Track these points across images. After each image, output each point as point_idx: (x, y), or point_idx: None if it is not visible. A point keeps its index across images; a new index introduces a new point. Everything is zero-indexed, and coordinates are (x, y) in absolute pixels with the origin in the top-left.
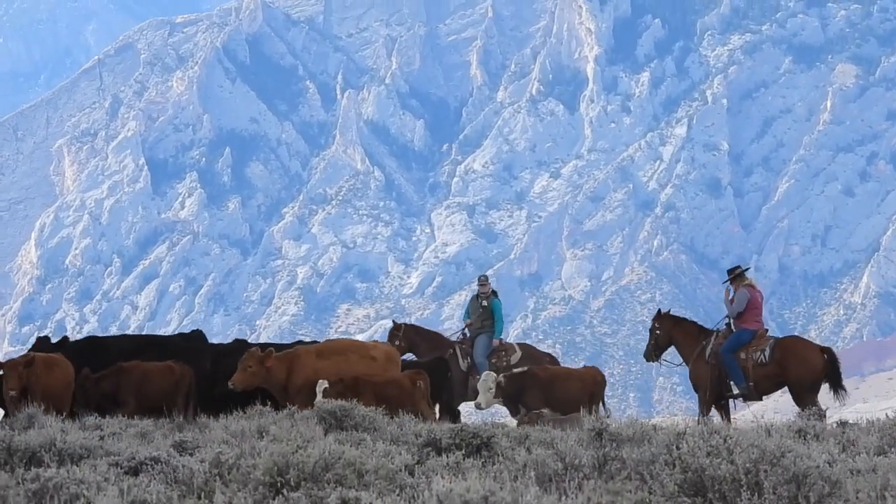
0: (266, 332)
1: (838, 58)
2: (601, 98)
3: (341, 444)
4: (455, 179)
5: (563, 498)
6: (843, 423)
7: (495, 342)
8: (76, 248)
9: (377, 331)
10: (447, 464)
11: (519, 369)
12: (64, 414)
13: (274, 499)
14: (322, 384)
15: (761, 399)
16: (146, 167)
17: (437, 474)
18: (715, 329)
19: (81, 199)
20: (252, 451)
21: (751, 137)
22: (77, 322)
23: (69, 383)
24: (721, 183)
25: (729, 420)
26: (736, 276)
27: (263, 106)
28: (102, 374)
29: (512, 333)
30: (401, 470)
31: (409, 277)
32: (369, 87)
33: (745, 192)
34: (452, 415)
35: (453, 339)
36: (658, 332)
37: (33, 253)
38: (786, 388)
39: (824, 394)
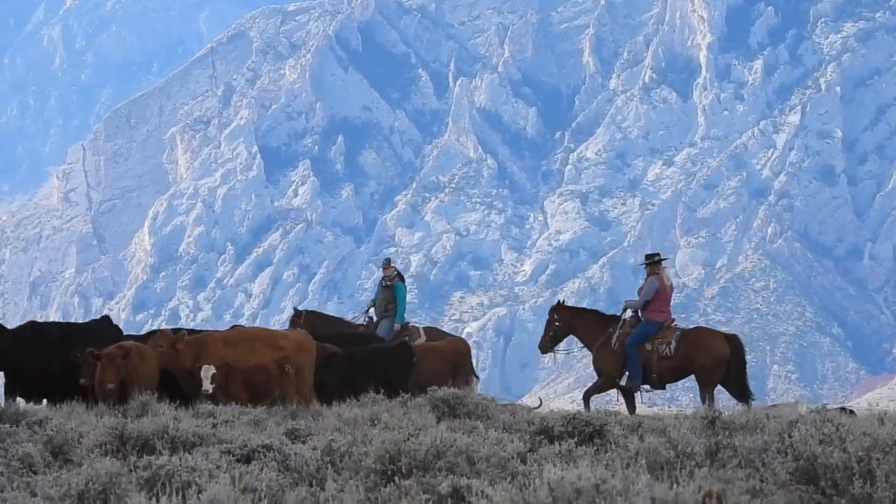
0: None
1: None
2: (714, 86)
3: (453, 431)
4: (568, 167)
5: (675, 486)
6: None
7: (396, 326)
8: (189, 236)
9: (490, 319)
10: (559, 452)
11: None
12: (178, 402)
13: (385, 486)
14: (209, 370)
15: (664, 388)
16: (259, 155)
17: (548, 462)
18: (621, 317)
19: (195, 187)
20: (364, 439)
21: (864, 125)
22: (191, 310)
23: (157, 373)
24: (835, 171)
25: (633, 408)
26: (652, 263)
27: (376, 94)
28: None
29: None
30: (513, 458)
31: (522, 265)
32: (482, 74)
33: (859, 180)
34: None
35: (358, 323)
36: (557, 323)
37: (147, 241)
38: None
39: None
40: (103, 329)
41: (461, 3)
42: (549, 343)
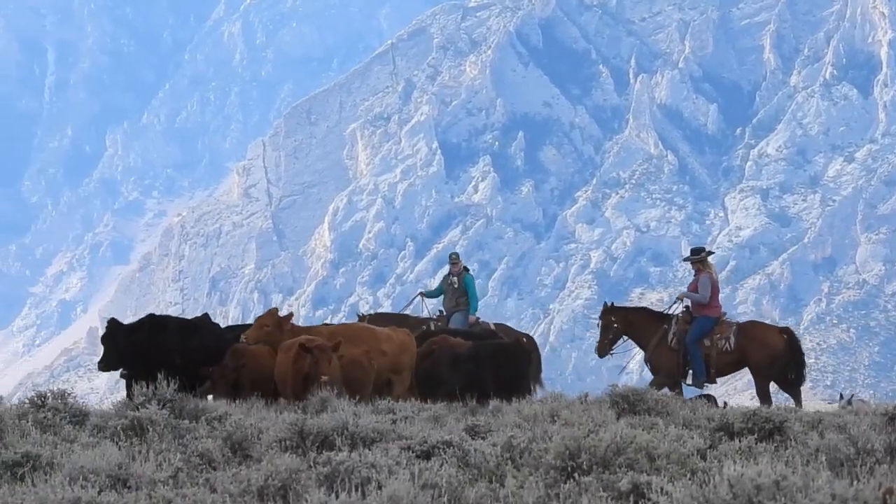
0: (560, 315)
1: None
2: (895, 82)
3: (633, 428)
4: (748, 163)
5: (855, 483)
6: None
7: (471, 318)
8: (370, 232)
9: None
10: (739, 448)
11: None
12: (357, 397)
13: (565, 483)
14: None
15: (715, 382)
16: (439, 151)
17: (728, 458)
18: (672, 313)
19: (375, 183)
20: (544, 436)
21: None
22: (371, 306)
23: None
24: None
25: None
26: (699, 259)
27: (556, 90)
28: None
29: (805, 317)
30: (693, 454)
31: None
32: (662, 71)
33: None
34: None
35: (424, 317)
36: (616, 325)
37: (327, 236)
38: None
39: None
40: (209, 325)
41: None
42: (608, 346)
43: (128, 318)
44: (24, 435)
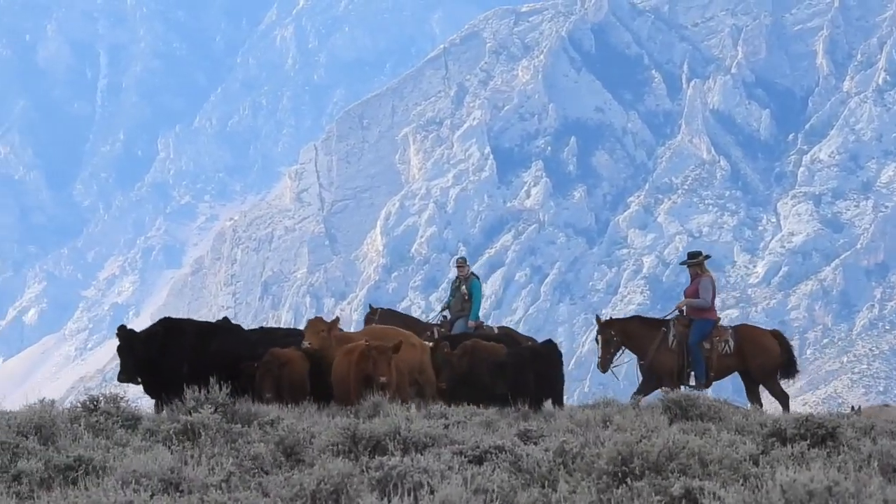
0: None
1: None
2: None
3: (686, 433)
4: (801, 169)
5: None
6: None
7: (471, 324)
8: (422, 237)
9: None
10: (791, 454)
11: None
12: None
13: (617, 488)
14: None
15: (710, 385)
16: (492, 156)
17: (780, 464)
18: (669, 318)
19: (427, 188)
20: (596, 441)
21: None
22: (423, 311)
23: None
24: None
25: None
26: (697, 262)
27: (609, 95)
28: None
29: (858, 323)
30: (745, 460)
31: (754, 267)
32: (715, 76)
33: None
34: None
35: (432, 322)
36: (615, 338)
37: (379, 241)
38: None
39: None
40: (230, 328)
41: (695, 4)
42: (609, 361)
43: None
44: (76, 439)
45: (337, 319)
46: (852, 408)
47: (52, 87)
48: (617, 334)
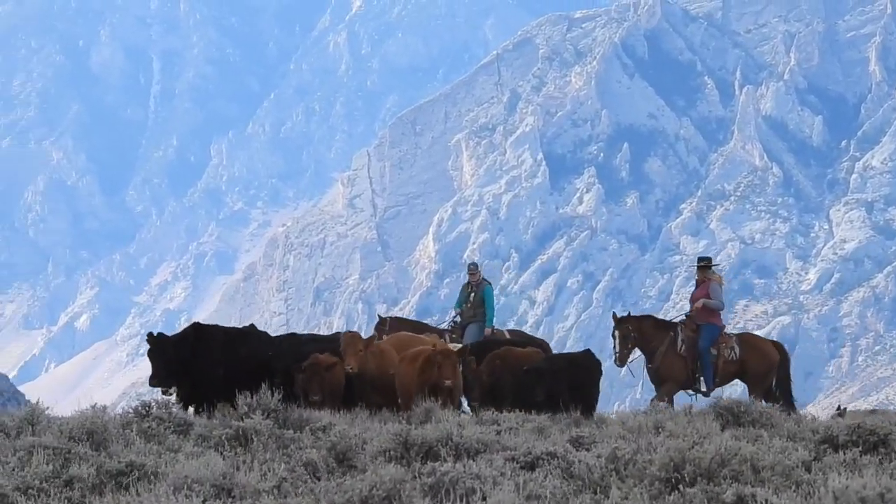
0: None
1: None
2: None
3: (738, 440)
4: (854, 176)
5: None
6: None
7: (487, 331)
8: (474, 243)
9: (775, 327)
10: (844, 461)
11: None
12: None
13: (670, 494)
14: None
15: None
16: (544, 162)
17: (833, 471)
18: (678, 321)
19: (479, 194)
20: (648, 447)
21: None
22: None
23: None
24: None
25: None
26: (705, 267)
27: (661, 101)
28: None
29: None
30: (797, 466)
31: (807, 274)
32: (767, 82)
33: None
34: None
35: (443, 327)
36: (634, 334)
37: (431, 247)
38: None
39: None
40: (257, 334)
41: (747, 10)
42: (628, 355)
43: None
44: (128, 444)
45: (373, 337)
46: (838, 408)
47: (106, 92)
48: (634, 332)
